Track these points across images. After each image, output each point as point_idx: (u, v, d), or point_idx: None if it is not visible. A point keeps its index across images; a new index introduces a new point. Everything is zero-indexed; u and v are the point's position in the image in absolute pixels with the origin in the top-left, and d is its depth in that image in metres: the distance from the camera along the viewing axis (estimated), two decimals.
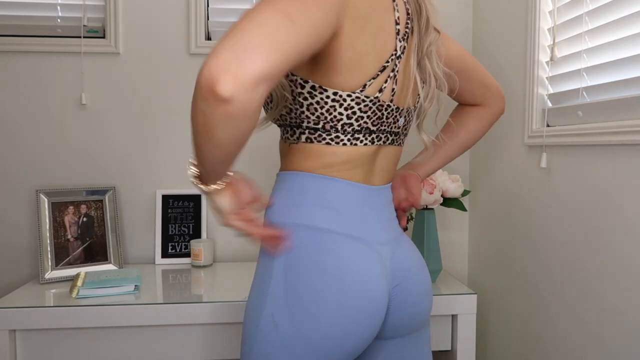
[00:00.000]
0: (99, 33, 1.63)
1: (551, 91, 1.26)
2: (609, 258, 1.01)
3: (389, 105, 0.81)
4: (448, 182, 1.42)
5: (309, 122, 0.78)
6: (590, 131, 1.04)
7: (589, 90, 1.10)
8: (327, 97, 0.76)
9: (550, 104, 1.26)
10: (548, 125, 1.24)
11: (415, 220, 1.48)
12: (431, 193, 1.39)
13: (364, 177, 0.82)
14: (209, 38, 1.67)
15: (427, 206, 1.42)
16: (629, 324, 0.96)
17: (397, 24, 0.80)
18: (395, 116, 0.84)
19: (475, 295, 1.34)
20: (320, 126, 0.78)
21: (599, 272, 1.04)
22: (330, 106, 0.76)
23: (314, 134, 0.79)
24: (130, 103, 1.64)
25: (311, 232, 0.77)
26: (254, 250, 1.69)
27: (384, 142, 0.84)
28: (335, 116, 0.77)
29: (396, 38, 0.80)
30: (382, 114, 0.81)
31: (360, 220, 0.80)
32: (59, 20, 1.62)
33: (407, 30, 0.82)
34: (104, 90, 1.63)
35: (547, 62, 1.27)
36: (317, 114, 0.77)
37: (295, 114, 0.79)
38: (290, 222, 0.78)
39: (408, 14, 0.82)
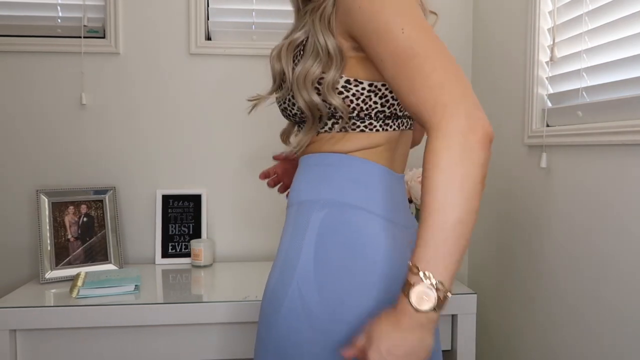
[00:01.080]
0: (99, 33, 1.63)
1: (551, 91, 1.26)
2: (609, 258, 1.01)
3: None
4: None
5: (342, 113, 0.79)
6: (590, 131, 1.04)
7: (589, 90, 1.10)
8: (363, 88, 0.77)
9: (550, 104, 1.26)
10: (548, 125, 1.24)
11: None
12: None
13: (390, 164, 0.82)
14: (209, 38, 1.67)
15: None
16: (629, 323, 0.96)
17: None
18: None
19: (475, 295, 1.34)
20: (354, 114, 0.79)
21: (599, 271, 1.04)
22: (366, 96, 0.77)
23: (347, 123, 0.80)
24: (130, 103, 1.64)
25: (342, 209, 0.77)
26: (254, 251, 1.69)
27: (406, 127, 0.85)
28: (370, 105, 0.78)
29: None
30: None
31: (391, 202, 0.80)
32: (59, 20, 1.62)
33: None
34: (104, 90, 1.63)
35: (547, 62, 1.27)
36: (352, 105, 0.78)
37: (329, 107, 0.79)
38: (320, 198, 0.78)
39: None
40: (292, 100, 0.82)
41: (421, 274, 0.61)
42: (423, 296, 0.62)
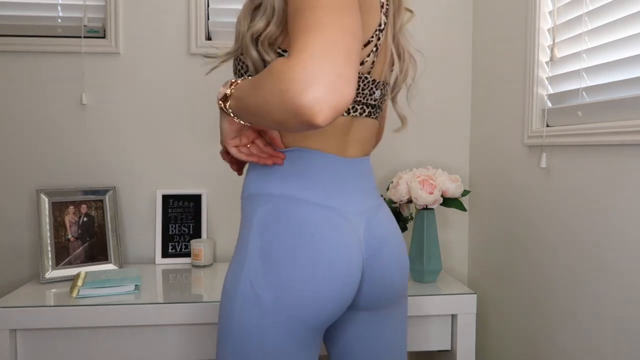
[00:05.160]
0: (99, 33, 1.63)
1: (551, 91, 1.26)
2: (609, 257, 1.01)
3: (366, 77, 0.83)
4: (448, 182, 1.43)
5: None
6: (590, 131, 1.05)
7: (588, 91, 1.10)
8: None
9: (550, 104, 1.26)
10: (548, 126, 1.24)
11: (415, 220, 1.48)
12: (431, 193, 1.39)
13: (338, 148, 0.83)
14: (209, 38, 1.67)
15: (427, 206, 1.42)
16: (628, 323, 0.96)
17: None
18: (372, 88, 0.85)
19: (475, 295, 1.34)
20: None
21: (598, 272, 1.04)
22: None
23: None
24: (130, 103, 1.64)
25: (285, 202, 0.80)
26: None
27: (360, 114, 0.85)
28: None
29: (381, 12, 0.82)
30: (359, 86, 0.82)
31: (333, 190, 0.82)
32: (59, 20, 1.62)
33: (387, 5, 0.84)
34: (104, 90, 1.63)
35: (547, 62, 1.27)
36: None
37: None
38: (265, 192, 0.81)
39: None
40: (241, 62, 0.83)
41: (230, 83, 0.75)
42: (221, 93, 0.77)
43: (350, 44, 0.61)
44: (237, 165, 0.90)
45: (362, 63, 0.80)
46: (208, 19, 1.66)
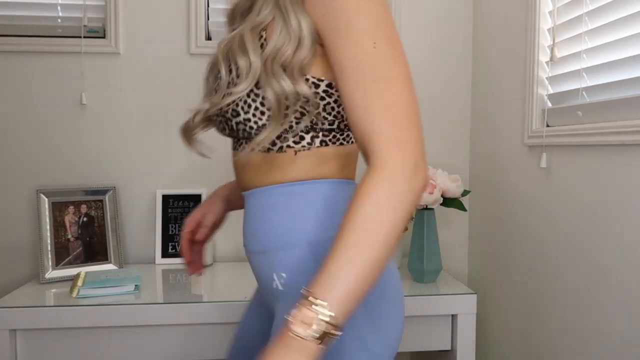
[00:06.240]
0: (99, 33, 1.63)
1: (551, 91, 1.26)
2: (609, 258, 1.01)
3: None
4: (448, 182, 1.43)
5: (323, 124, 0.72)
6: (590, 131, 1.05)
7: (588, 90, 1.10)
8: None
9: (550, 104, 1.26)
10: (548, 126, 1.24)
11: (415, 220, 1.48)
12: (431, 193, 1.39)
13: (353, 176, 0.81)
14: (209, 38, 1.67)
15: (427, 206, 1.42)
16: (629, 323, 0.96)
17: None
18: None
19: (475, 295, 1.34)
20: (335, 126, 0.73)
21: (599, 272, 1.04)
22: None
23: (328, 136, 0.73)
24: (130, 103, 1.64)
25: None
26: None
27: None
28: None
29: None
30: None
31: None
32: (59, 20, 1.62)
33: None
34: (104, 90, 1.63)
35: (547, 62, 1.27)
36: (334, 113, 0.72)
37: (309, 117, 0.71)
38: (329, 235, 0.70)
39: None
40: (247, 100, 0.71)
41: (311, 298, 0.58)
42: (305, 321, 0.57)
43: (416, 108, 0.64)
44: None
45: None
46: (208, 19, 1.66)
